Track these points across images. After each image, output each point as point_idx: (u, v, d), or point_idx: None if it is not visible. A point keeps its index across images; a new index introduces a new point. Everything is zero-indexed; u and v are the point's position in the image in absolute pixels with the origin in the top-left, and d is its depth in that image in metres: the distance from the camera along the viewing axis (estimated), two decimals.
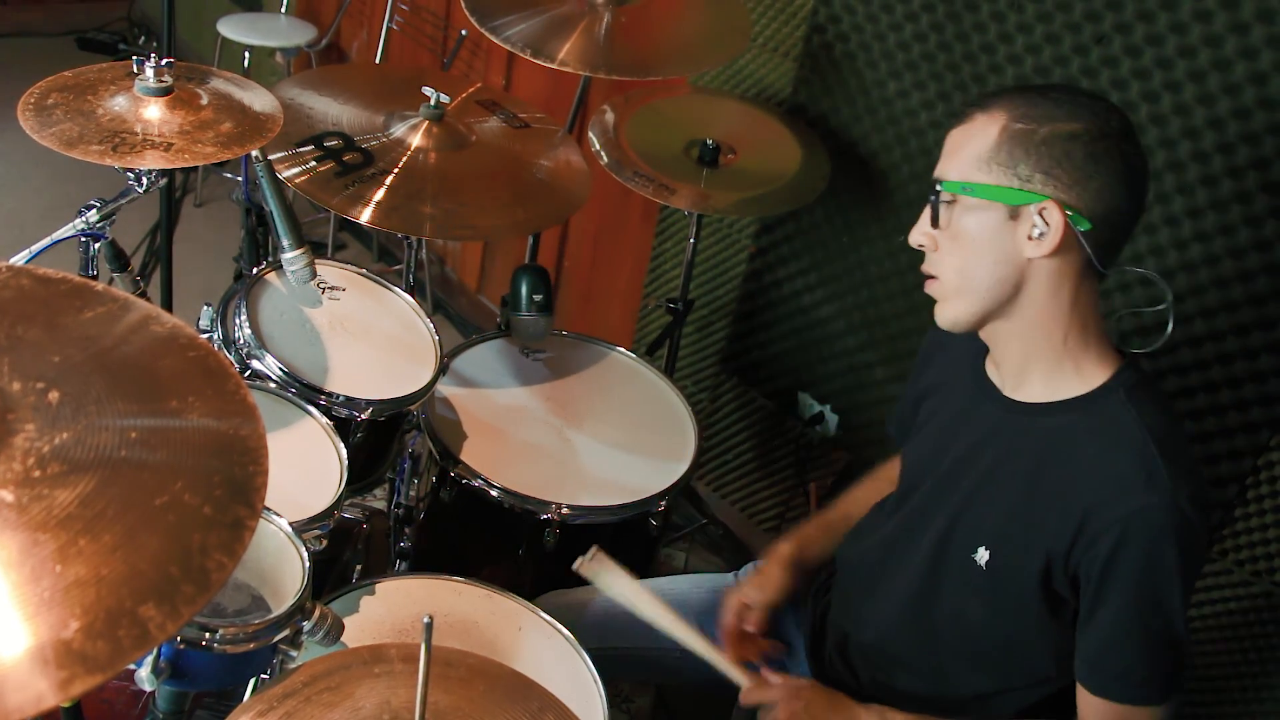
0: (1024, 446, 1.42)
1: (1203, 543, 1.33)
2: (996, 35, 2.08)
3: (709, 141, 2.27)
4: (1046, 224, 1.32)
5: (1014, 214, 1.34)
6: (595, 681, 1.54)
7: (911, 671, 1.59)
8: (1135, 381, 1.38)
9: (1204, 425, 1.96)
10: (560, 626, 1.62)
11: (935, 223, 1.40)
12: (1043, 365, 1.41)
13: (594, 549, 1.68)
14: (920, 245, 1.44)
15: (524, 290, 2.11)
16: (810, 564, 1.77)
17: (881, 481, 1.82)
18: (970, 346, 1.51)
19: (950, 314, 1.44)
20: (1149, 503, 1.29)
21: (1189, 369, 1.96)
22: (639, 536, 2.02)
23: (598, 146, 2.25)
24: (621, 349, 2.27)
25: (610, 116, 2.34)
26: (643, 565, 2.11)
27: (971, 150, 1.36)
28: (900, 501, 1.63)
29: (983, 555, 1.44)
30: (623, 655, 1.78)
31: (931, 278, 1.44)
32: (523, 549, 1.94)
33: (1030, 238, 1.33)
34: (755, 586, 1.72)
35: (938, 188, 1.40)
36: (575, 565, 1.67)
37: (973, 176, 1.36)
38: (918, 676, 1.58)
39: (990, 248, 1.36)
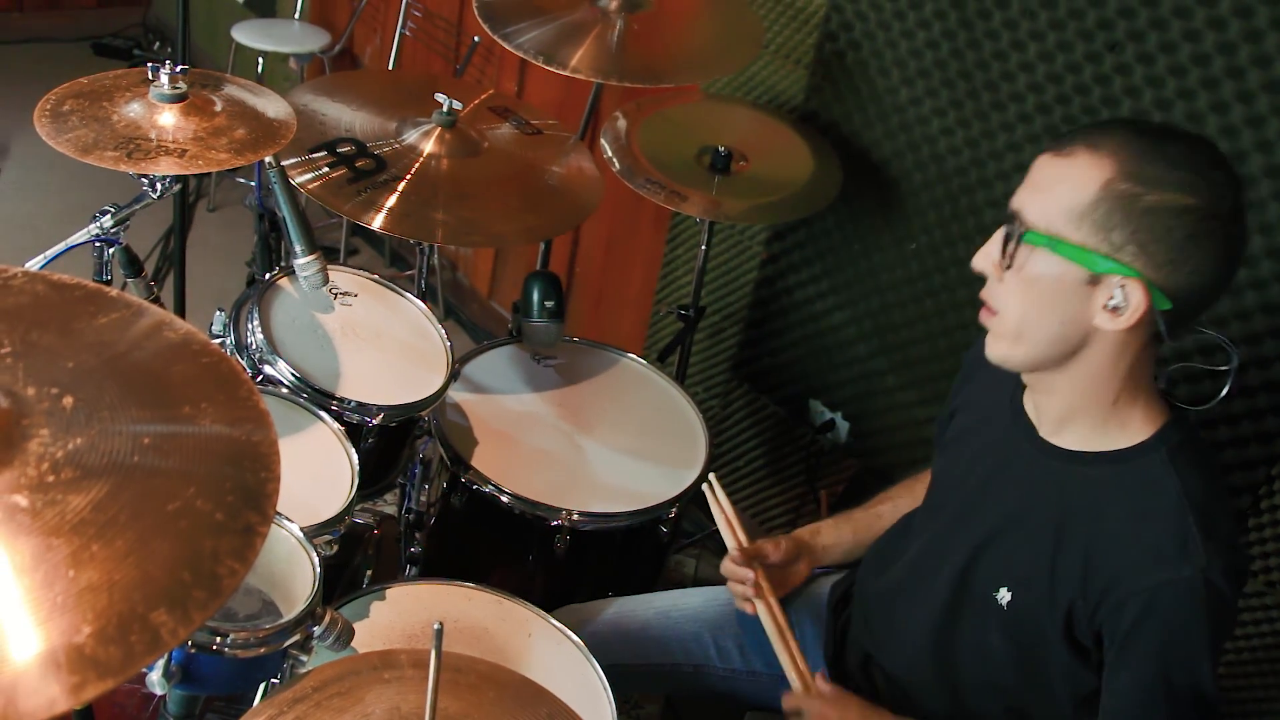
0: (1054, 494, 1.38)
1: (1234, 612, 1.29)
2: (1009, 42, 2.08)
3: (721, 148, 2.27)
4: (1126, 300, 1.23)
5: (1094, 280, 1.25)
6: (605, 689, 1.54)
7: (932, 697, 1.57)
8: (1180, 440, 1.32)
9: (1216, 434, 1.95)
10: (570, 633, 1.62)
11: (1007, 259, 1.30)
12: (1087, 418, 1.36)
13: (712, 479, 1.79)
14: (982, 272, 1.35)
15: (535, 296, 2.12)
16: (826, 552, 1.76)
17: (920, 485, 1.78)
18: (1013, 374, 1.46)
19: (1000, 353, 1.36)
20: (1180, 575, 1.25)
21: (1200, 378, 1.95)
22: (649, 543, 2.02)
23: (610, 153, 2.25)
24: (633, 355, 2.27)
25: (622, 123, 2.35)
26: (653, 572, 2.11)
27: (1066, 197, 1.25)
28: (924, 521, 1.61)
29: (1004, 595, 1.41)
30: (635, 670, 1.77)
31: (988, 309, 1.36)
32: (533, 555, 1.94)
33: (1105, 308, 1.25)
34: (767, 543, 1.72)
35: (1020, 231, 1.28)
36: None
37: (1061, 230, 1.25)
38: (938, 702, 1.57)
39: (1060, 305, 1.28)
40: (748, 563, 1.66)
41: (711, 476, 1.78)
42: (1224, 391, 1.33)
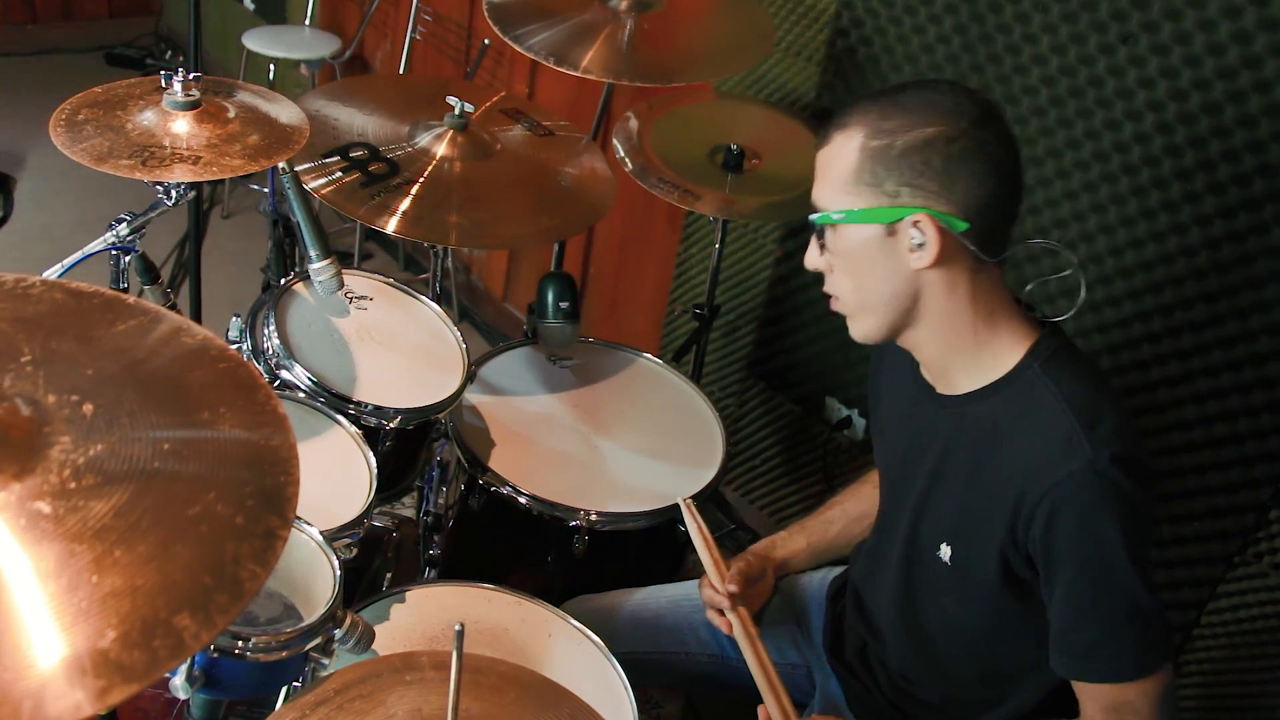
0: (960, 439, 1.43)
1: (1141, 502, 1.30)
2: (1021, 36, 2.07)
3: (733, 147, 2.27)
4: (924, 234, 1.31)
5: (891, 230, 1.34)
6: (625, 688, 1.54)
7: (919, 674, 1.60)
8: (1051, 351, 1.37)
9: (1237, 427, 1.94)
10: (590, 633, 1.63)
11: (823, 248, 1.41)
12: (960, 359, 1.42)
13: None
14: (816, 269, 1.45)
15: (550, 298, 2.12)
16: (786, 564, 1.79)
17: (867, 485, 1.84)
18: (905, 351, 1.51)
19: (860, 330, 1.45)
20: (1070, 471, 1.28)
21: (1220, 370, 1.94)
22: (667, 543, 2.02)
23: (622, 153, 2.25)
24: (648, 355, 2.27)
25: (634, 123, 2.35)
26: (671, 571, 2.10)
27: (836, 174, 1.36)
28: (882, 507, 1.66)
29: (945, 551, 1.46)
30: (650, 660, 1.78)
31: (834, 299, 1.46)
32: (551, 556, 1.95)
33: (911, 250, 1.33)
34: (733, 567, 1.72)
35: (811, 218, 1.40)
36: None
37: (842, 203, 1.36)
38: (925, 679, 1.59)
39: (877, 265, 1.37)
40: (732, 587, 1.66)
41: (688, 499, 1.79)
42: (1081, 292, 1.41)
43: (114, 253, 1.69)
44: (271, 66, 3.84)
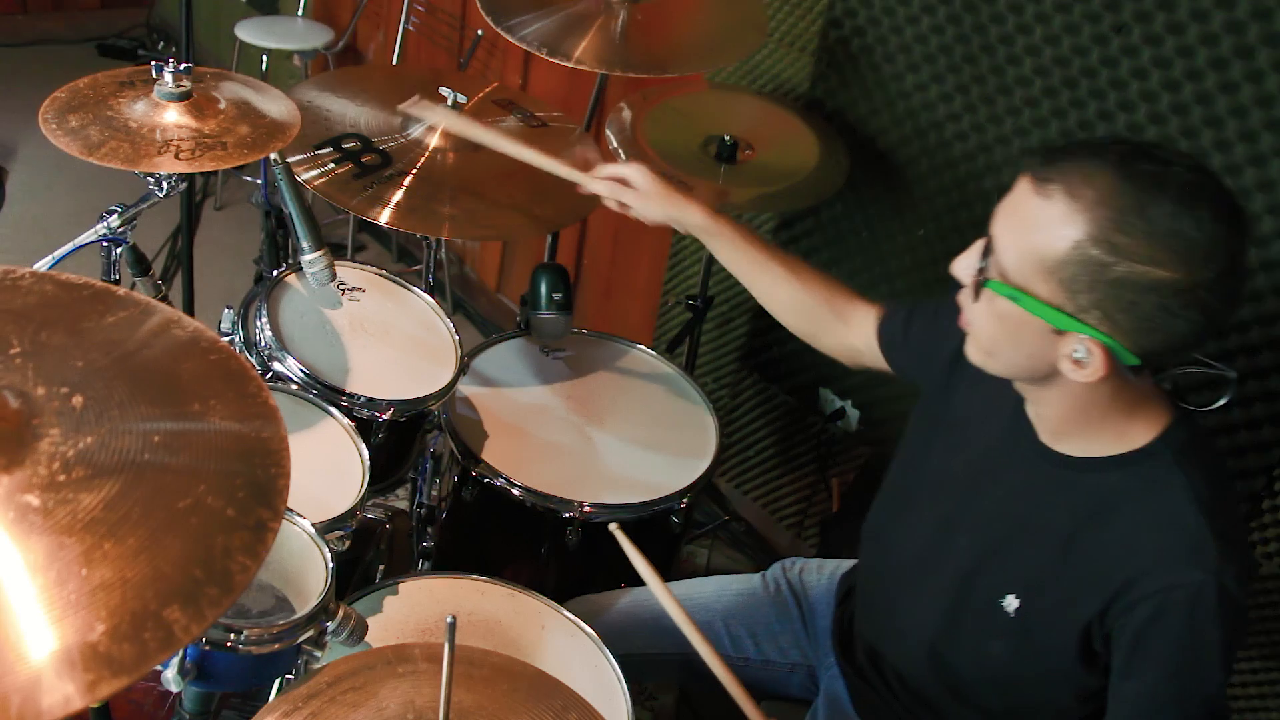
0: (1061, 501, 1.34)
1: (1245, 618, 1.26)
2: (1015, 27, 2.07)
3: (727, 138, 2.26)
4: (1089, 355, 1.19)
5: (1059, 332, 1.20)
6: (619, 680, 1.54)
7: (930, 689, 1.56)
8: (1185, 441, 1.28)
9: (1229, 418, 1.95)
10: (583, 625, 1.62)
11: (976, 289, 1.27)
12: (1081, 429, 1.32)
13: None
14: (961, 280, 1.31)
15: (543, 289, 2.11)
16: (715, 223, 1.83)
17: (806, 273, 1.82)
18: None
19: (976, 360, 1.34)
20: (1193, 579, 1.22)
21: (1215, 361, 1.94)
22: (661, 534, 2.02)
23: (615, 144, 2.25)
24: (642, 346, 2.27)
25: (627, 114, 2.34)
26: (665, 563, 2.11)
27: (1037, 247, 1.18)
28: (922, 510, 1.55)
29: (1011, 603, 1.38)
30: (649, 659, 1.77)
31: (965, 317, 1.33)
32: (545, 548, 1.95)
33: (1069, 359, 1.21)
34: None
35: (986, 277, 1.24)
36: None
37: (1028, 280, 1.20)
38: (936, 694, 1.56)
39: (1025, 343, 1.25)
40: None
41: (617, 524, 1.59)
42: (1224, 400, 1.28)
43: (105, 244, 1.68)
44: (264, 57, 3.83)
